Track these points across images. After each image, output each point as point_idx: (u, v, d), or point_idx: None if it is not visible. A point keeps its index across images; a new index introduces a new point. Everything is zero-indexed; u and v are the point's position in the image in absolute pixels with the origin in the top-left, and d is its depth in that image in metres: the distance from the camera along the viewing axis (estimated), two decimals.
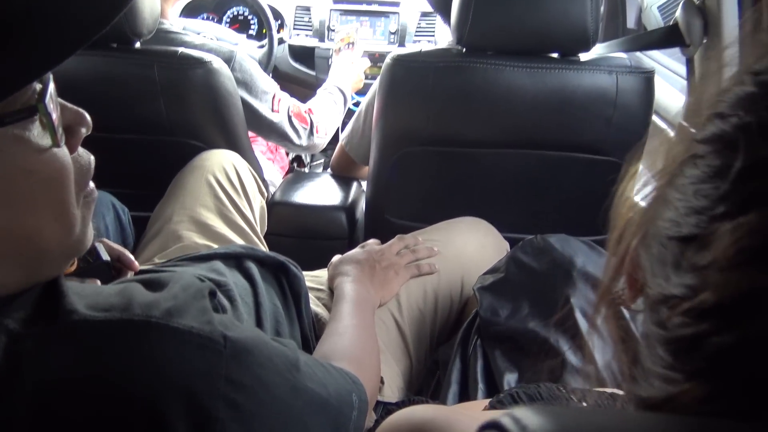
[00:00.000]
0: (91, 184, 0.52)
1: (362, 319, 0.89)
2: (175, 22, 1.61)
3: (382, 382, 0.90)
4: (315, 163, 2.29)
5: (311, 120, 1.60)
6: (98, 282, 0.79)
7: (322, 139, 1.66)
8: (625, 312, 0.40)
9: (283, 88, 1.61)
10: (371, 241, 1.12)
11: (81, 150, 0.51)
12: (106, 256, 0.82)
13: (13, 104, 0.42)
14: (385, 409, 0.72)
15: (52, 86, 0.45)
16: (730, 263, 0.26)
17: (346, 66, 1.89)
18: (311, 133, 1.61)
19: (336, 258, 1.07)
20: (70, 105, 0.50)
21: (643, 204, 0.36)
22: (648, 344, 0.30)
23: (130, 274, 0.87)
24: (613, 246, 0.38)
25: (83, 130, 0.50)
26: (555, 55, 1.22)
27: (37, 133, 0.44)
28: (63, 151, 0.46)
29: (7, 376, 0.42)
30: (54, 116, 0.45)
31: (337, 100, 1.74)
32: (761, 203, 0.25)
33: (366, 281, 0.99)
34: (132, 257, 0.87)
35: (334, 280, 1.00)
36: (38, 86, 0.44)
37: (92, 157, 0.52)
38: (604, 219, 0.45)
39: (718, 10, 1.01)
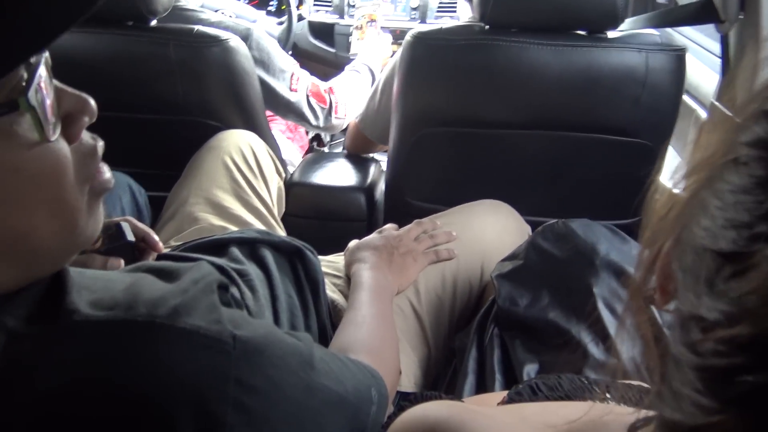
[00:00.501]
0: (106, 172, 0.49)
1: (380, 308, 0.87)
2: (191, 0, 1.58)
3: (399, 372, 0.89)
4: (335, 142, 2.26)
5: (330, 100, 1.58)
6: (122, 261, 0.78)
7: (341, 120, 1.63)
8: (657, 314, 0.37)
9: (302, 66, 1.58)
10: (388, 226, 1.10)
11: (85, 135, 0.47)
12: (130, 236, 0.81)
13: None
14: (401, 402, 0.70)
15: (42, 72, 0.41)
16: None
17: (373, 43, 1.85)
18: (329, 113, 1.58)
19: (353, 243, 1.04)
20: (70, 90, 0.46)
21: (678, 194, 0.33)
22: (677, 364, 0.27)
23: (153, 256, 0.86)
24: (646, 242, 0.35)
25: (86, 119, 0.46)
26: (582, 32, 1.17)
27: (26, 126, 0.40)
28: (57, 145, 0.43)
29: (7, 376, 0.41)
30: (46, 107, 0.41)
31: (365, 78, 1.71)
32: None
33: (384, 268, 0.97)
34: (156, 238, 0.86)
35: (351, 267, 0.98)
36: (24, 74, 0.40)
37: (100, 143, 0.48)
38: (632, 203, 0.42)
39: None
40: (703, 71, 1.42)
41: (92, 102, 0.46)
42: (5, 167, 0.40)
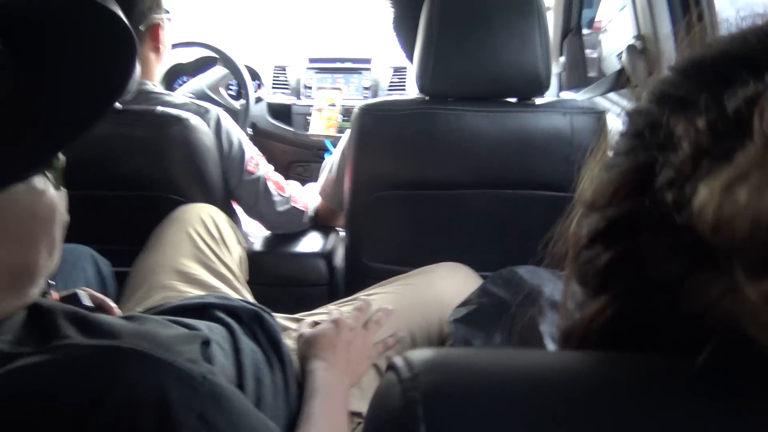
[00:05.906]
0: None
1: (334, 421, 0.88)
2: (159, 84, 1.66)
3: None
4: None
5: (289, 192, 1.56)
6: None
7: (301, 212, 1.59)
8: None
9: (263, 144, 1.65)
10: (335, 313, 1.07)
11: None
12: (88, 302, 0.85)
13: None
14: None
15: None
16: (610, 198, 0.33)
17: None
18: (288, 201, 1.55)
19: (307, 332, 1.01)
20: None
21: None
22: (572, 291, 0.35)
23: None
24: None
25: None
26: (512, 99, 1.29)
27: (38, 179, 0.49)
28: (55, 193, 0.52)
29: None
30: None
31: None
32: (638, 151, 0.33)
33: (340, 366, 0.97)
34: (113, 304, 0.90)
35: (305, 361, 0.97)
36: None
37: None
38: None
39: (657, 51, 1.10)
40: None
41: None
42: (28, 213, 0.49)
